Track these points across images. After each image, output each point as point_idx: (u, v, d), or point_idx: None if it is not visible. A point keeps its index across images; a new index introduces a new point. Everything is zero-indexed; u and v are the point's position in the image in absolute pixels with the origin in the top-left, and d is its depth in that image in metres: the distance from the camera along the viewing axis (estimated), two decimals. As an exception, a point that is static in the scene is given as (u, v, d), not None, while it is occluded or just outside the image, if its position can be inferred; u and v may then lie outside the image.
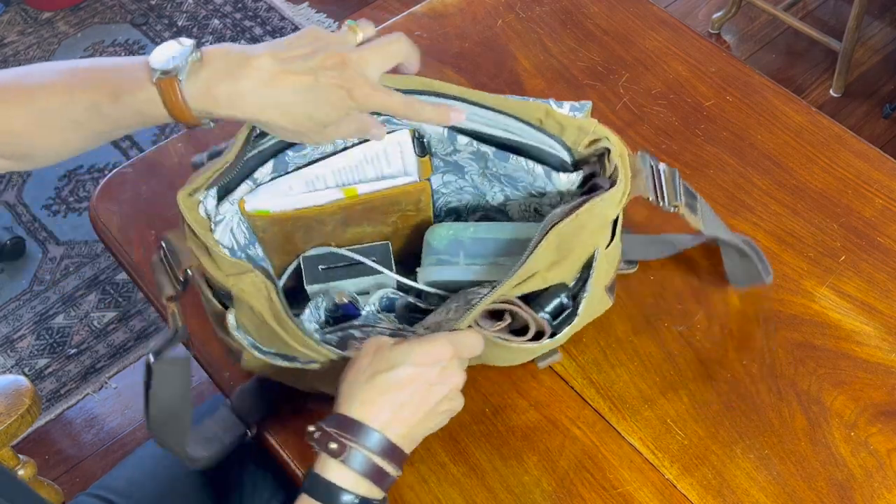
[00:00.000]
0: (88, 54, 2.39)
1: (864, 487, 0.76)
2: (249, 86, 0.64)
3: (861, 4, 2.00)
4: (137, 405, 1.76)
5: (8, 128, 0.66)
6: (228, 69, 0.64)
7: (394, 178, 0.77)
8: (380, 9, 2.48)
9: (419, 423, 0.67)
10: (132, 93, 0.64)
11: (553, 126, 0.75)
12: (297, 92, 0.65)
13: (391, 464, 0.65)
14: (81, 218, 2.04)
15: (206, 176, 0.70)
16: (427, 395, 0.66)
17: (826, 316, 0.86)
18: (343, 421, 0.64)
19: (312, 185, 0.76)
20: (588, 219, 0.70)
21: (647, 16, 1.13)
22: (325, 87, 0.65)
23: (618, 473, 0.78)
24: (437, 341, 0.67)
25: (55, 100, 0.66)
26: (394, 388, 0.65)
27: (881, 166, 0.96)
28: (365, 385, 0.65)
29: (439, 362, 0.67)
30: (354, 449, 0.63)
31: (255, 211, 0.75)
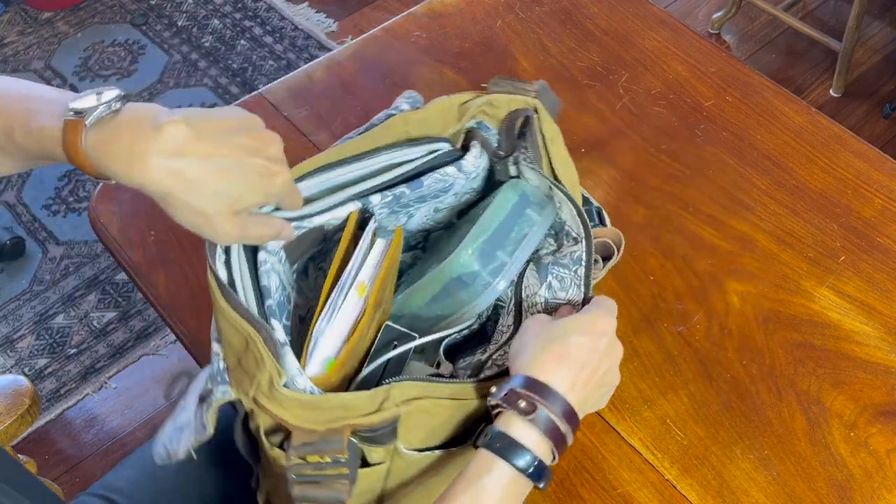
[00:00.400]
0: (88, 54, 2.39)
1: (863, 487, 0.76)
2: (155, 148, 0.56)
3: (861, 4, 2.00)
4: (137, 405, 1.76)
5: None
6: (138, 127, 0.57)
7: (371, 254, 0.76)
8: (380, 9, 2.48)
9: (590, 394, 0.68)
10: (41, 125, 0.58)
11: (417, 128, 0.75)
12: (211, 166, 0.58)
13: (570, 428, 0.65)
14: (81, 218, 2.04)
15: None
16: (598, 364, 0.67)
17: (826, 316, 0.86)
18: (531, 382, 0.64)
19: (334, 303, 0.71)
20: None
21: (646, 16, 1.13)
22: (246, 166, 0.59)
23: (617, 474, 0.78)
24: (601, 313, 0.69)
25: None
26: (571, 355, 0.66)
27: (881, 166, 0.96)
28: (542, 352, 0.66)
29: (606, 333, 0.68)
30: (542, 409, 0.63)
31: (327, 369, 0.69)
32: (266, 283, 0.68)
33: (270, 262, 0.70)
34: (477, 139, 0.78)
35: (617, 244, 0.81)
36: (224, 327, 0.65)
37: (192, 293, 0.91)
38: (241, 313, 0.64)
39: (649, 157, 0.99)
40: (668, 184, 0.96)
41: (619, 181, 0.97)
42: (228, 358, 0.66)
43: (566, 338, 0.66)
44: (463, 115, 0.77)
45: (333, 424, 0.63)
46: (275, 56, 2.37)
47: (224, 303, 0.65)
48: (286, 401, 0.63)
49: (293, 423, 0.63)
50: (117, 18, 2.50)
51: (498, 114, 0.78)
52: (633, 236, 0.92)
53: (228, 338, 0.65)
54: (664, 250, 0.91)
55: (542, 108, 0.77)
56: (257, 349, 0.63)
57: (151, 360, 1.83)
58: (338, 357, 0.68)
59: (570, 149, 1.00)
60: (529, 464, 0.63)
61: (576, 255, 0.75)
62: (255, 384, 0.63)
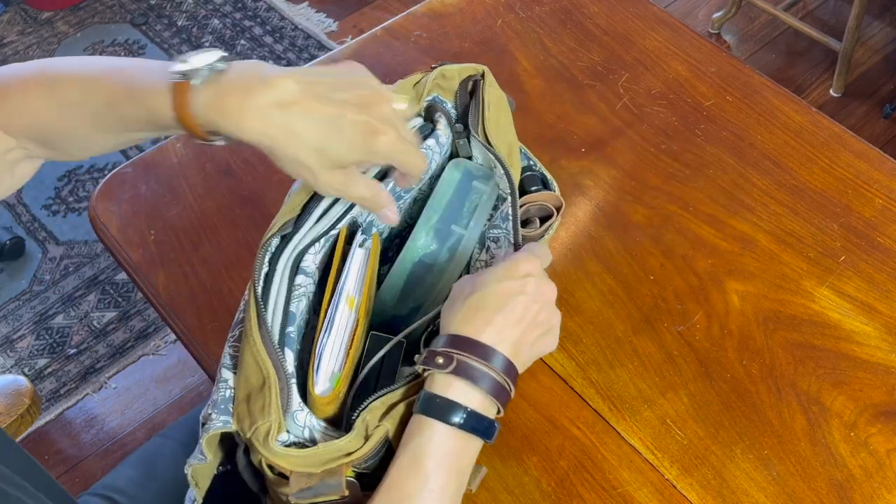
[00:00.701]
0: (88, 54, 2.39)
1: (863, 488, 0.76)
2: (262, 103, 0.59)
3: (861, 4, 2.00)
4: (137, 405, 1.76)
5: (35, 119, 0.64)
6: (246, 83, 0.59)
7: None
8: (379, 9, 2.48)
9: (524, 336, 0.66)
10: (146, 92, 0.60)
11: None
12: (314, 120, 0.59)
13: (507, 379, 0.64)
14: (81, 218, 2.04)
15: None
16: (525, 308, 0.66)
17: (826, 316, 0.86)
18: (451, 339, 0.64)
19: (330, 319, 0.71)
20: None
21: (646, 16, 1.13)
22: (348, 123, 0.60)
23: (617, 474, 0.78)
24: (522, 257, 0.68)
25: (74, 91, 0.62)
26: (492, 303, 0.65)
27: (881, 166, 0.96)
28: (464, 306, 0.65)
29: (531, 274, 0.67)
30: (463, 359, 0.63)
31: (336, 384, 0.70)
32: (294, 308, 0.68)
33: (305, 286, 0.70)
34: (438, 111, 0.80)
35: (556, 206, 0.82)
36: (247, 360, 0.65)
37: (192, 292, 0.91)
38: (270, 354, 0.64)
39: (649, 156, 0.99)
40: (668, 184, 0.96)
41: (619, 181, 0.97)
42: (239, 390, 0.66)
43: (486, 287, 0.65)
44: (420, 95, 0.79)
45: (328, 466, 0.64)
46: (275, 56, 2.37)
47: (257, 336, 0.65)
48: (279, 454, 0.63)
49: (289, 468, 0.64)
50: (117, 18, 2.50)
51: (451, 85, 0.80)
52: (633, 236, 0.92)
53: (247, 372, 0.65)
54: (664, 250, 0.91)
55: (489, 74, 0.79)
56: (270, 396, 0.63)
57: (151, 360, 1.83)
58: (342, 371, 0.68)
59: (570, 149, 1.00)
60: (461, 417, 0.62)
61: (504, 212, 0.75)
62: (253, 428, 0.63)
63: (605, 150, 1.00)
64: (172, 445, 0.96)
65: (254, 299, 0.66)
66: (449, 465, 0.62)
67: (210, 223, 0.97)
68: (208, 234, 0.96)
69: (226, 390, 0.67)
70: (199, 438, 0.67)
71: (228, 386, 0.68)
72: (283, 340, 0.67)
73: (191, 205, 0.99)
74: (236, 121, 0.59)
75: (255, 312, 0.66)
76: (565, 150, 1.00)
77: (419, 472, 0.61)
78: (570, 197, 0.96)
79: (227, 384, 0.68)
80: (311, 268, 0.71)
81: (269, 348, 0.65)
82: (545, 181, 0.84)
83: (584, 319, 0.86)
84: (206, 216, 0.97)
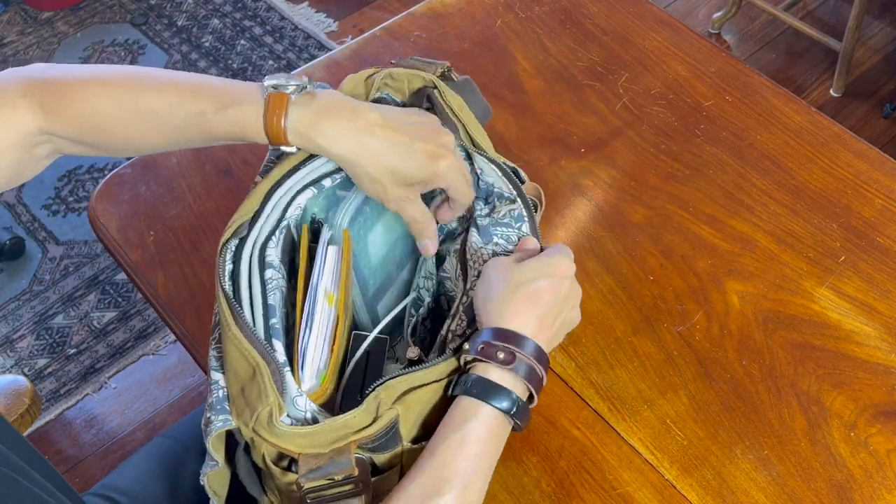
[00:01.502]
0: (88, 54, 2.39)
1: (863, 488, 0.76)
2: (352, 127, 0.70)
3: (861, 4, 2.00)
4: (137, 405, 1.76)
5: (99, 121, 0.71)
6: (340, 108, 0.71)
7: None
8: (379, 9, 2.48)
9: (555, 333, 0.73)
10: (239, 103, 0.69)
11: None
12: (391, 143, 0.70)
13: (543, 369, 0.70)
14: (81, 218, 2.04)
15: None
16: (562, 305, 0.73)
17: (826, 316, 0.86)
18: (503, 333, 0.69)
19: (310, 317, 0.71)
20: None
21: (646, 16, 1.13)
22: (419, 148, 0.71)
23: (617, 474, 0.78)
24: (561, 257, 0.74)
25: (163, 102, 0.70)
26: (536, 299, 0.70)
27: (881, 166, 0.96)
28: (509, 298, 0.70)
29: (567, 276, 0.73)
30: (520, 357, 0.68)
31: (322, 381, 0.70)
32: (272, 301, 0.69)
33: (276, 280, 0.70)
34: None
35: (538, 198, 0.85)
36: (232, 354, 0.66)
37: (192, 293, 0.91)
38: (252, 343, 0.65)
39: (649, 157, 0.99)
40: (668, 184, 0.96)
41: (619, 181, 0.97)
42: (231, 387, 0.66)
43: (533, 282, 0.71)
44: (370, 89, 0.81)
45: (337, 444, 0.64)
46: (275, 56, 2.37)
47: (236, 330, 0.65)
48: (285, 434, 0.63)
49: (297, 451, 0.64)
50: (117, 18, 2.50)
51: (400, 86, 0.82)
52: (632, 236, 0.92)
53: (235, 366, 0.65)
54: (664, 250, 0.91)
55: (440, 83, 0.81)
56: (263, 381, 0.64)
57: (151, 360, 1.83)
58: (328, 368, 0.69)
59: (570, 149, 1.00)
60: (513, 404, 0.67)
61: (516, 213, 0.78)
62: (255, 416, 0.64)
63: (605, 151, 1.00)
64: (173, 445, 0.96)
65: (223, 296, 0.67)
66: (494, 448, 0.68)
67: (209, 223, 0.97)
68: (208, 234, 0.96)
69: (218, 391, 0.68)
70: (205, 444, 0.67)
71: (220, 386, 0.68)
72: (270, 333, 0.67)
73: (190, 205, 0.99)
74: (330, 139, 0.70)
75: (228, 308, 0.66)
76: (565, 151, 1.00)
77: (469, 452, 0.66)
78: (569, 197, 0.96)
79: (218, 385, 0.68)
80: (276, 261, 0.71)
81: (251, 338, 0.65)
82: (516, 173, 0.85)
83: (584, 320, 0.86)
84: (205, 216, 0.97)
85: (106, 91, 0.70)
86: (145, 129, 0.72)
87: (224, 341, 0.67)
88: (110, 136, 0.72)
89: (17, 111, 0.69)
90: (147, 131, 0.72)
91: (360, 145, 0.70)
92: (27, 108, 0.70)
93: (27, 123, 0.70)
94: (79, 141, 0.72)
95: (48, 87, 0.70)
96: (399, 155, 0.71)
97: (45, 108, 0.70)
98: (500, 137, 1.01)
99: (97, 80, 0.71)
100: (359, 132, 0.70)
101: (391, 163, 0.71)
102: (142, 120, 0.71)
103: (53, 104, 0.70)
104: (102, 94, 0.70)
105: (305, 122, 0.69)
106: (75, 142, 0.73)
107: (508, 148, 1.00)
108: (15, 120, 0.70)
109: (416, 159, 0.71)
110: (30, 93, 0.70)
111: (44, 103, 0.70)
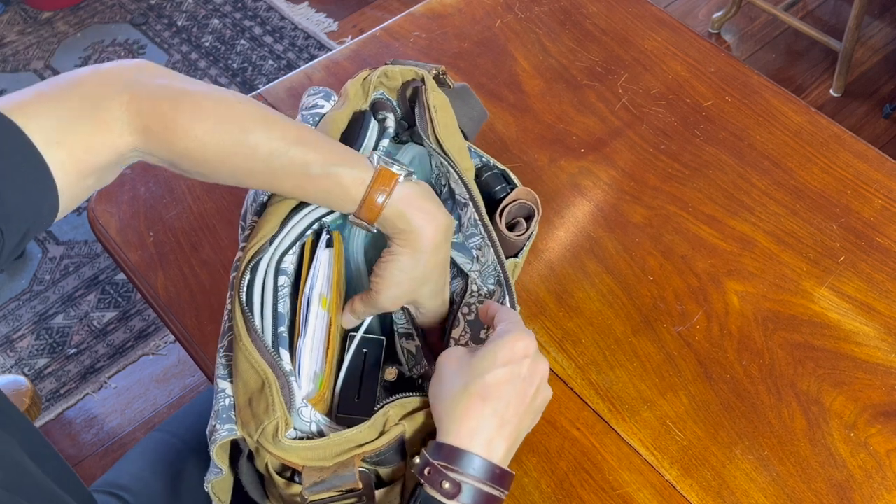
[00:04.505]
0: (88, 54, 2.39)
1: (863, 488, 0.76)
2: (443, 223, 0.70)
3: (861, 4, 2.00)
4: (137, 405, 1.76)
5: (206, 156, 0.66)
6: (433, 198, 0.71)
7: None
8: (379, 8, 2.48)
9: (520, 428, 0.65)
10: (346, 167, 0.67)
11: (346, 122, 0.79)
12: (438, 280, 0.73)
13: (499, 489, 0.63)
14: (81, 218, 2.04)
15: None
16: (523, 393, 0.64)
17: (825, 316, 0.86)
18: (450, 452, 0.62)
19: (304, 321, 0.71)
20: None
21: (645, 16, 1.13)
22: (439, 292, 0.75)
23: (617, 475, 0.78)
24: (516, 336, 0.65)
25: (271, 147, 0.66)
26: (490, 395, 0.63)
27: (880, 166, 0.96)
28: (460, 398, 0.63)
29: (526, 355, 0.65)
30: (466, 484, 0.61)
31: (320, 385, 0.70)
32: (281, 309, 0.69)
33: (287, 287, 0.70)
34: (385, 109, 0.82)
35: (533, 202, 0.83)
36: (242, 366, 0.66)
37: (191, 293, 0.91)
38: (263, 355, 0.65)
39: (648, 157, 0.99)
40: (668, 184, 0.96)
41: (619, 181, 0.97)
42: (239, 397, 0.66)
43: (486, 374, 0.63)
44: (367, 91, 0.81)
45: (341, 458, 0.64)
46: (275, 56, 2.37)
47: (248, 342, 0.65)
48: (290, 448, 0.63)
49: (301, 463, 0.64)
50: (117, 18, 2.50)
51: (395, 84, 0.82)
52: (632, 236, 0.92)
53: (245, 376, 0.65)
54: (664, 251, 0.91)
55: (429, 78, 0.80)
56: (272, 394, 0.63)
57: (151, 359, 1.83)
58: (324, 371, 0.69)
59: (570, 149, 1.00)
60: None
61: (472, 218, 0.77)
62: (260, 429, 0.63)
63: (605, 151, 1.00)
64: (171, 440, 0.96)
65: (239, 308, 0.67)
66: None
67: (209, 224, 0.97)
68: (207, 235, 0.96)
69: (225, 399, 0.68)
70: (209, 452, 0.67)
71: (227, 395, 0.68)
72: (277, 341, 0.67)
73: (189, 206, 0.99)
74: (422, 223, 0.69)
75: (243, 320, 0.66)
76: (564, 151, 1.00)
77: None
78: (569, 197, 0.96)
79: (224, 393, 0.68)
80: (290, 268, 0.71)
81: (263, 351, 0.65)
82: (506, 177, 0.85)
83: (584, 320, 0.86)
84: (204, 217, 0.97)
85: (213, 123, 0.65)
86: (240, 168, 0.67)
87: (235, 351, 0.67)
88: (211, 170, 0.67)
89: (113, 133, 0.63)
90: (240, 171, 0.68)
91: (439, 236, 0.70)
92: (128, 129, 0.63)
93: (125, 145, 0.64)
94: (175, 166, 0.67)
95: (155, 108, 0.64)
96: (431, 287, 0.72)
97: (148, 133, 0.64)
98: (500, 137, 1.01)
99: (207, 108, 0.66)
100: (444, 229, 0.70)
101: (420, 287, 0.71)
102: (242, 160, 0.66)
103: (159, 131, 0.64)
104: (210, 127, 0.65)
105: (405, 203, 0.68)
106: (171, 165, 0.68)
107: (508, 148, 1.00)
108: (112, 143, 0.63)
109: (434, 301, 0.73)
110: (134, 109, 0.63)
111: (148, 127, 0.64)
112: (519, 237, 0.81)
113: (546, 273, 0.90)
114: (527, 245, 0.83)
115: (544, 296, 0.89)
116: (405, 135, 0.84)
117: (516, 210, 0.83)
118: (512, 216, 0.83)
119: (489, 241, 0.75)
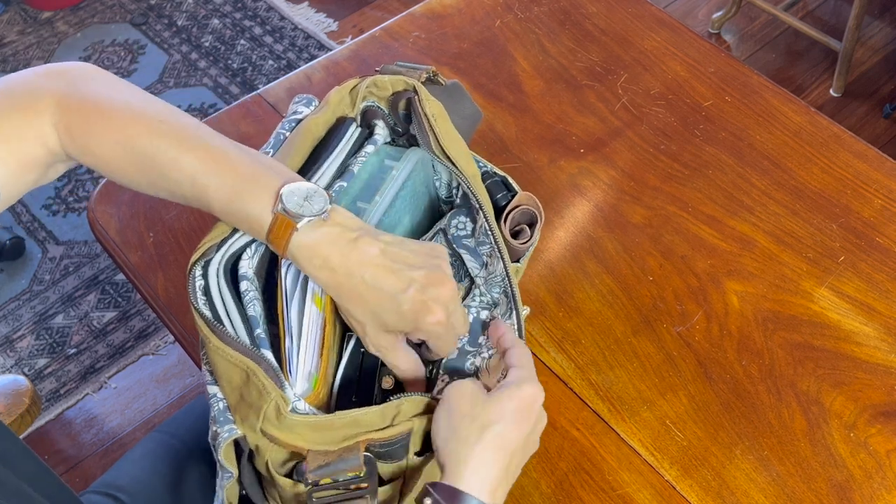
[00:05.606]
0: (88, 54, 2.39)
1: (863, 488, 0.76)
2: (343, 262, 0.65)
3: (861, 4, 2.00)
4: (137, 405, 1.76)
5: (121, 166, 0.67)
6: (338, 238, 0.65)
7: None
8: (379, 8, 2.48)
9: (518, 466, 0.68)
10: (248, 203, 0.65)
11: (325, 128, 0.78)
12: (377, 290, 0.65)
13: None
14: (81, 218, 2.04)
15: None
16: (527, 446, 0.67)
17: (825, 316, 0.86)
18: (457, 496, 0.63)
19: (297, 321, 0.71)
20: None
21: (645, 16, 1.13)
22: (408, 298, 0.65)
23: (617, 475, 0.78)
24: (533, 390, 0.67)
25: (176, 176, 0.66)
26: (503, 447, 0.65)
27: (880, 166, 0.96)
28: (475, 442, 0.64)
29: (535, 404, 0.67)
30: None
31: (314, 385, 0.70)
32: (252, 312, 0.68)
33: (252, 292, 0.70)
34: (376, 117, 0.80)
35: (535, 207, 0.82)
36: (220, 365, 0.65)
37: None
38: (237, 348, 0.64)
39: (648, 157, 0.99)
40: (668, 184, 0.96)
41: (619, 181, 0.97)
42: (229, 396, 0.66)
43: (501, 423, 0.65)
44: (355, 100, 0.80)
45: (347, 442, 0.64)
46: (274, 56, 2.37)
47: (217, 341, 0.65)
48: (296, 426, 0.63)
49: (306, 447, 0.63)
50: (117, 18, 2.50)
51: (384, 94, 0.80)
52: (632, 236, 0.92)
53: (227, 375, 0.65)
54: (663, 251, 0.91)
55: (421, 88, 0.78)
56: (259, 380, 0.63)
57: (151, 359, 1.83)
58: (319, 371, 0.68)
59: (569, 149, 1.00)
60: None
61: (483, 227, 0.76)
62: (261, 416, 0.63)
63: (604, 151, 1.00)
64: (170, 441, 0.96)
65: (196, 312, 0.67)
66: None
67: (209, 225, 0.96)
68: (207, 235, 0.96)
69: (218, 402, 0.68)
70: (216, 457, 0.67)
71: (219, 398, 0.68)
72: (257, 343, 0.67)
73: (189, 207, 0.98)
74: (316, 269, 0.65)
75: (203, 322, 0.66)
76: (564, 151, 1.00)
77: None
78: (568, 198, 0.96)
79: (217, 397, 0.68)
80: (250, 273, 0.71)
81: (234, 344, 0.65)
82: (506, 184, 0.84)
83: (584, 320, 0.86)
84: (204, 217, 0.97)
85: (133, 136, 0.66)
86: (156, 184, 0.68)
87: (209, 355, 0.67)
88: (130, 181, 0.69)
89: (44, 127, 0.65)
90: (154, 184, 0.68)
91: (347, 281, 0.65)
92: (54, 125, 0.66)
93: (53, 141, 0.66)
94: (99, 172, 0.69)
95: (80, 110, 0.66)
96: (383, 302, 0.65)
97: (70, 134, 0.66)
98: (500, 138, 1.01)
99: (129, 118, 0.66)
100: (348, 270, 0.65)
101: (372, 307, 0.65)
102: (152, 185, 0.68)
103: (77, 135, 0.66)
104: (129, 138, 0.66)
105: (304, 249, 0.65)
106: (97, 171, 0.69)
107: (508, 148, 1.00)
108: (41, 135, 0.65)
109: (399, 312, 0.65)
110: (64, 106, 0.65)
111: (69, 128, 0.65)
112: (523, 245, 0.81)
113: (546, 273, 0.90)
114: (529, 250, 0.84)
115: (544, 296, 0.89)
116: (401, 140, 0.84)
117: (519, 216, 0.83)
118: (515, 223, 0.83)
119: (498, 253, 0.75)
